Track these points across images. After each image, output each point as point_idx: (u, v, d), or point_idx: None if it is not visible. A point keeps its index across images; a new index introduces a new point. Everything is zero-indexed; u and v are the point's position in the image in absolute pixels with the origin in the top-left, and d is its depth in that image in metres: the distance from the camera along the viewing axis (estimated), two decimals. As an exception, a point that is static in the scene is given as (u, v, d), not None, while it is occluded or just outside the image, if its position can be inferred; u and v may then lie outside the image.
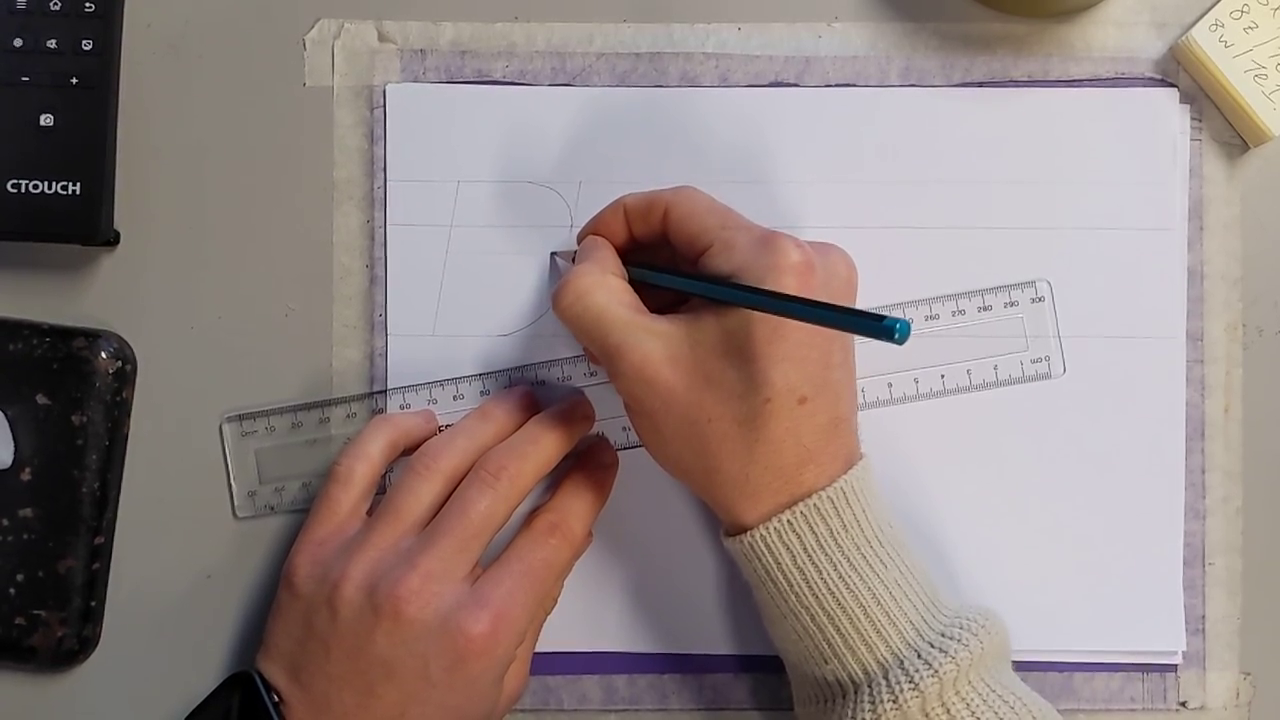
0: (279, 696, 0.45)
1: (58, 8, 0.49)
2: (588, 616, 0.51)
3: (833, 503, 0.44)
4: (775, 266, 0.43)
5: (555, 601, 0.50)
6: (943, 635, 0.44)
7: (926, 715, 0.43)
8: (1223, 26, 0.50)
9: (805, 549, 0.44)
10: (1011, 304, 0.51)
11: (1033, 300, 0.51)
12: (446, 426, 0.51)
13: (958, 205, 0.51)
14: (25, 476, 0.50)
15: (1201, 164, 0.52)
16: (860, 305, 0.47)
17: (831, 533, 0.44)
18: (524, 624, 0.46)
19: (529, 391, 0.50)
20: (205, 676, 0.51)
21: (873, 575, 0.44)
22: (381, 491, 0.50)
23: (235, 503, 0.51)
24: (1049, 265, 0.51)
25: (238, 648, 0.51)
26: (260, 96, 0.52)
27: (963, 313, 0.51)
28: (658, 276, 0.47)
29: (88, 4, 0.49)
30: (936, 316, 0.51)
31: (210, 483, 0.51)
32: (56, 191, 0.49)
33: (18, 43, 0.49)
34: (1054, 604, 0.51)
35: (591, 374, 0.51)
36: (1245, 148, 0.52)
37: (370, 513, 0.48)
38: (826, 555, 0.44)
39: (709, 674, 0.51)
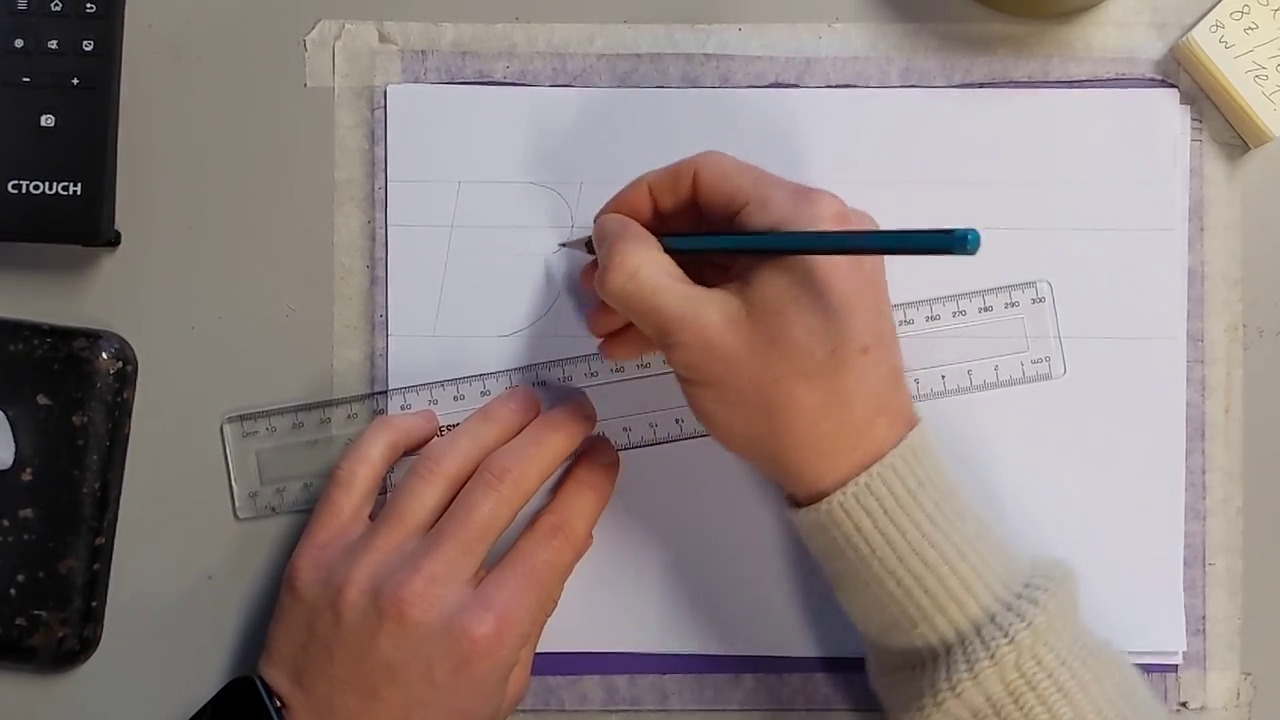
0: (281, 701, 0.45)
1: (58, 8, 0.49)
2: (588, 616, 0.51)
3: (905, 461, 0.43)
4: (816, 217, 0.43)
5: (556, 603, 0.50)
6: (1027, 585, 0.43)
7: (1020, 669, 0.42)
8: (1223, 27, 0.50)
9: (885, 511, 0.43)
10: (1012, 304, 0.51)
11: (1033, 301, 0.51)
12: (448, 427, 0.51)
13: (958, 205, 0.51)
14: (26, 477, 0.50)
15: (1202, 164, 0.52)
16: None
17: (909, 491, 0.43)
18: (528, 625, 0.46)
19: (531, 392, 0.50)
20: (206, 677, 0.51)
21: (954, 531, 0.43)
22: (384, 493, 0.50)
23: (236, 504, 0.51)
24: (1049, 265, 0.51)
25: (238, 649, 0.51)
26: (261, 97, 0.52)
27: (963, 313, 0.51)
28: (702, 240, 0.46)
29: (88, 4, 0.49)
30: (937, 317, 0.51)
31: (211, 483, 0.51)
32: (57, 192, 0.49)
33: (18, 43, 0.49)
34: (1054, 604, 0.51)
35: (592, 374, 0.51)
36: (1245, 148, 0.52)
37: (374, 516, 0.48)
38: (907, 515, 0.43)
39: (709, 674, 0.52)
